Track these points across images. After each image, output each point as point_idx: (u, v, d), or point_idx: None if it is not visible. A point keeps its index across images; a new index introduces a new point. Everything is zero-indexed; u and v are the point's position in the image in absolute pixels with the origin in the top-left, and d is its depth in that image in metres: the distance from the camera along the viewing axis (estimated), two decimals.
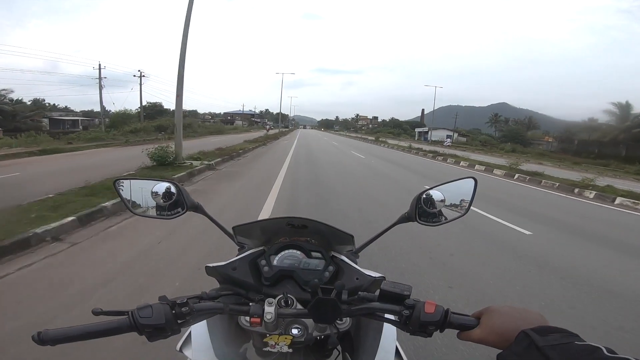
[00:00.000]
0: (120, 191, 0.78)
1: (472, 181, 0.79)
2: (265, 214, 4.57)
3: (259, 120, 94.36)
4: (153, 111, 40.32)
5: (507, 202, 6.81)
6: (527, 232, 4.61)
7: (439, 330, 0.55)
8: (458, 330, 0.54)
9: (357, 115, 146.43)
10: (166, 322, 0.51)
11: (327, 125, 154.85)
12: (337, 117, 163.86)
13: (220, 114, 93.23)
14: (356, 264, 0.76)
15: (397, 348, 0.73)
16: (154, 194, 0.76)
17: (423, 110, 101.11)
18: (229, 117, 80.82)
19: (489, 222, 4.99)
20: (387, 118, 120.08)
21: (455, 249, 3.65)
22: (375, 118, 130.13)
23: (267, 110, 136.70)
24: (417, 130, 68.47)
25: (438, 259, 3.35)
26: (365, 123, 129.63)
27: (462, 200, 0.79)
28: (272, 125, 60.44)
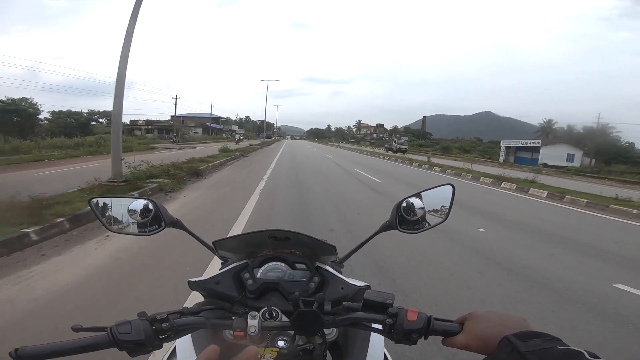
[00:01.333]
0: (96, 209, 0.77)
1: (450, 188, 0.80)
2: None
3: (221, 126, 68.35)
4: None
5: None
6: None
7: (423, 338, 0.55)
8: (442, 337, 0.55)
9: (359, 122, 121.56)
10: (146, 337, 0.51)
11: (317, 135, 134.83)
12: (328, 125, 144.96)
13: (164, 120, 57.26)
14: (341, 273, 0.77)
15: (385, 356, 0.74)
16: (131, 212, 0.76)
17: (424, 117, 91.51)
18: (181, 121, 56.77)
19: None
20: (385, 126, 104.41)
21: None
22: (381, 125, 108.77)
23: (247, 117, 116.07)
24: (504, 143, 43.85)
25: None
26: (369, 132, 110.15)
27: (442, 207, 0.80)
28: (242, 136, 47.96)
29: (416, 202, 0.79)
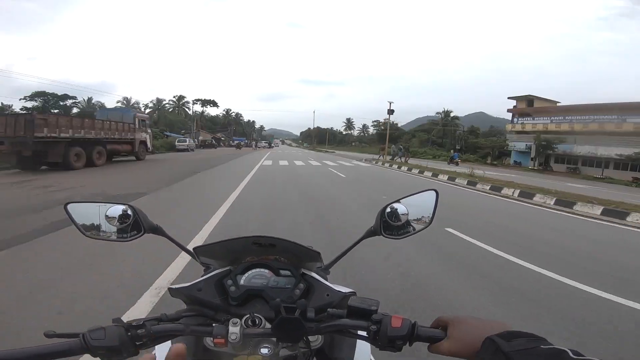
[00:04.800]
0: (72, 215, 0.75)
1: (433, 193, 0.81)
2: None
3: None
4: None
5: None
6: None
7: (407, 344, 0.55)
8: (428, 344, 0.55)
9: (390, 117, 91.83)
10: (120, 344, 0.51)
11: (316, 139, 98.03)
12: (332, 127, 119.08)
13: None
14: (327, 280, 0.77)
15: None
16: (108, 217, 0.75)
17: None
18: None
19: None
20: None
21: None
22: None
23: (237, 115, 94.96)
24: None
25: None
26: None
27: (425, 212, 0.81)
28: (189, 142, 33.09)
29: (400, 207, 0.80)
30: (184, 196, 7.46)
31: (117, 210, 0.75)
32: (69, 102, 48.52)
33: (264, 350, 0.60)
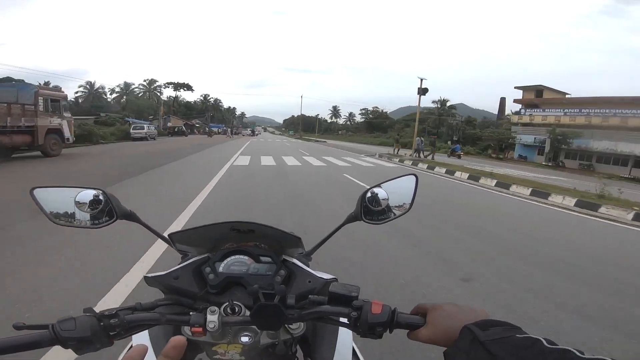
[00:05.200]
0: (40, 201, 0.70)
1: (413, 178, 0.81)
2: None
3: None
4: None
5: None
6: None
7: (388, 331, 0.55)
8: (407, 331, 0.55)
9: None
10: (92, 334, 0.49)
11: (303, 125, 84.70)
12: (317, 114, 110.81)
13: None
14: (308, 266, 0.76)
15: (353, 350, 0.74)
16: (78, 203, 0.70)
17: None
18: None
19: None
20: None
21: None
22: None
23: (213, 99, 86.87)
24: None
25: None
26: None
27: (405, 197, 0.80)
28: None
29: (380, 192, 0.79)
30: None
31: (87, 195, 0.71)
32: None
33: (245, 339, 0.61)
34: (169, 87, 64.49)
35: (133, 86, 62.70)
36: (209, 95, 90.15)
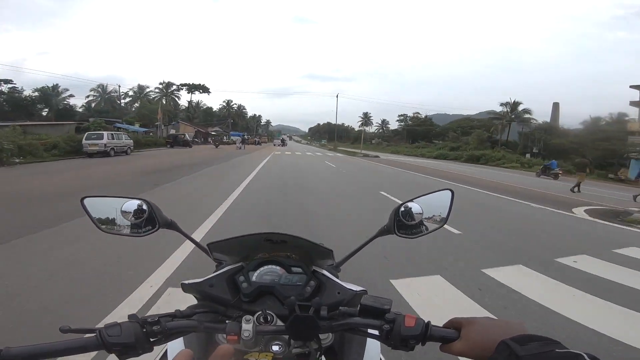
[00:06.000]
0: (88, 209, 0.76)
1: (449, 193, 0.82)
2: None
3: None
4: None
5: None
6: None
7: (420, 344, 0.55)
8: (440, 343, 0.55)
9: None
10: (136, 340, 0.51)
11: (331, 134, 75.62)
12: (343, 123, 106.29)
13: None
14: (338, 278, 0.77)
15: None
16: (124, 212, 0.75)
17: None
18: None
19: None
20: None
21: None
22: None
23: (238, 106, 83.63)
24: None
25: None
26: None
27: (440, 211, 0.82)
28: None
29: (414, 206, 0.80)
30: None
31: (132, 204, 0.75)
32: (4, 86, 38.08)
33: (276, 348, 0.61)
34: (182, 89, 58.76)
35: (148, 89, 57.45)
36: (232, 101, 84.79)
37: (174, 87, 59.04)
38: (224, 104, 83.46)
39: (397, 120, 78.95)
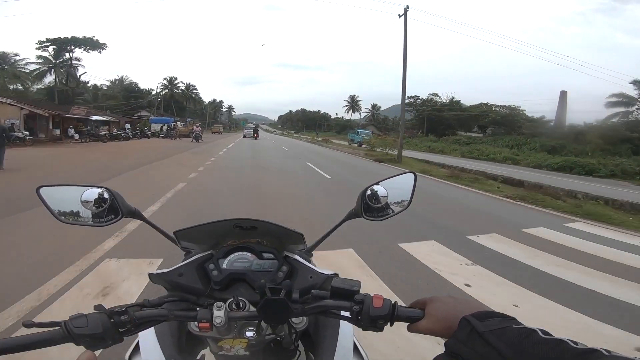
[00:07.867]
0: (46, 199, 0.71)
1: (412, 176, 0.83)
2: None
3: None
4: None
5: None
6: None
7: (389, 324, 0.56)
8: (407, 323, 0.56)
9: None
10: (104, 331, 0.50)
11: (306, 123, 78.26)
12: (319, 110, 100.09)
13: None
14: (310, 262, 0.77)
15: (355, 343, 0.75)
16: (84, 202, 0.71)
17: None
18: None
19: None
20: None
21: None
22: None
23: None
24: None
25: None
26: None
27: (404, 194, 0.83)
28: None
29: (380, 189, 0.81)
30: None
31: (92, 193, 0.71)
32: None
33: (249, 333, 0.62)
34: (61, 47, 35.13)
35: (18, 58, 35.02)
36: (176, 79, 62.41)
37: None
38: (165, 82, 61.34)
39: (407, 105, 60.01)
